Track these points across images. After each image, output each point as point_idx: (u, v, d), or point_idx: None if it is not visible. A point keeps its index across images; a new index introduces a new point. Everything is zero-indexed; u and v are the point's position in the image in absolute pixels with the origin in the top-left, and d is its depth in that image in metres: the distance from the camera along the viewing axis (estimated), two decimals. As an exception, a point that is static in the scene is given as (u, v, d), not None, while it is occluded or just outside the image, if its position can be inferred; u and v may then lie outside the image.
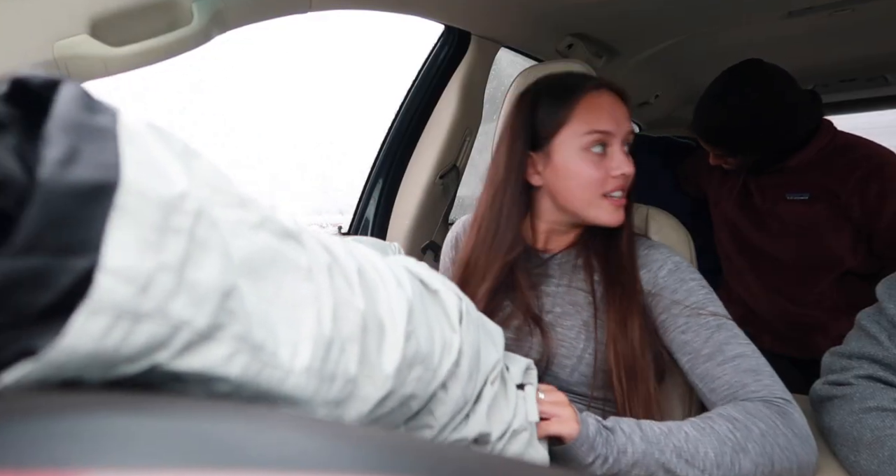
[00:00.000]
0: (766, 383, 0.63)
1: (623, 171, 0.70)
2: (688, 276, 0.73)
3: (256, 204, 0.28)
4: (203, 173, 0.25)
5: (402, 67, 1.27)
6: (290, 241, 0.29)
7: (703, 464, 0.56)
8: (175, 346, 0.22)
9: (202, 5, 0.64)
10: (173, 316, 0.21)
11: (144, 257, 0.20)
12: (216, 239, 0.23)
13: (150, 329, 0.21)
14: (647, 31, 1.33)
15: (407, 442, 0.19)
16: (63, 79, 0.21)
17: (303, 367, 0.27)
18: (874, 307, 0.69)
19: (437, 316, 0.40)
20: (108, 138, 0.20)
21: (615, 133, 0.71)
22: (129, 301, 0.19)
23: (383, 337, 0.33)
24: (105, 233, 0.19)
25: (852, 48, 1.53)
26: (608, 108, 0.72)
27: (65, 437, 0.15)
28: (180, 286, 0.21)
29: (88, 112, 0.20)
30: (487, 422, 0.45)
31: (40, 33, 0.55)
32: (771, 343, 1.23)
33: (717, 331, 0.67)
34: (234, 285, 0.24)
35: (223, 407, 0.19)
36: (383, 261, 0.38)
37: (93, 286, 0.18)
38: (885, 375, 0.64)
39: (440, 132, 1.21)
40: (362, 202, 1.26)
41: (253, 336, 0.25)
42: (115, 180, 0.19)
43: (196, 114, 1.05)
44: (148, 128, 0.23)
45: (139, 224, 0.20)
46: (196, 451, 0.15)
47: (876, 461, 0.58)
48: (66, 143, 0.18)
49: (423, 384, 0.37)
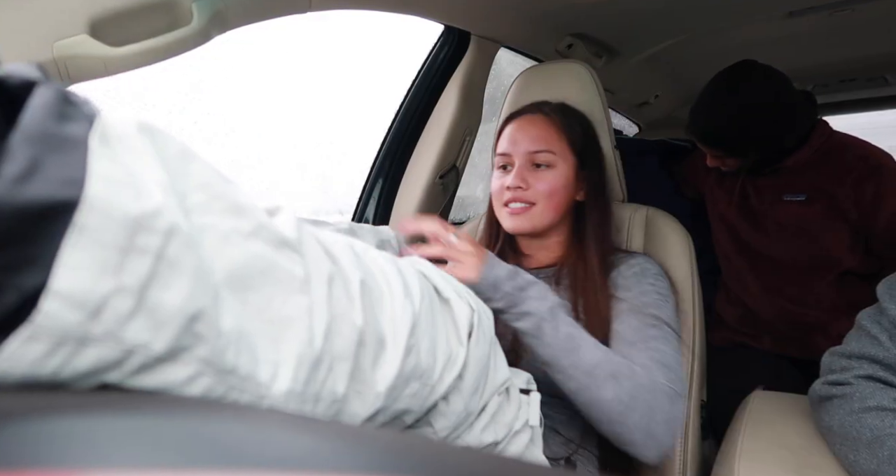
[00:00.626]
0: (671, 377, 0.66)
1: (508, 184, 0.81)
2: (648, 280, 0.76)
3: (253, 211, 0.26)
4: (199, 177, 0.24)
5: (402, 67, 1.27)
6: (285, 250, 0.27)
7: (576, 361, 0.63)
8: (127, 369, 0.21)
9: (202, 5, 0.64)
10: (127, 340, 0.20)
11: (101, 279, 0.19)
12: (190, 259, 0.22)
13: (97, 353, 0.20)
14: (647, 31, 1.33)
15: (407, 442, 0.19)
16: (40, 80, 0.19)
17: (281, 392, 0.26)
18: (874, 307, 0.69)
19: (444, 327, 0.39)
20: (76, 150, 0.19)
21: (512, 154, 0.83)
22: (74, 326, 0.18)
23: (381, 351, 0.32)
24: (58, 253, 0.18)
25: (852, 48, 1.53)
26: (512, 133, 0.85)
27: (64, 437, 0.15)
28: (139, 309, 0.20)
29: (59, 120, 0.19)
30: (492, 430, 0.44)
31: (40, 33, 0.55)
32: (771, 344, 1.23)
33: (651, 328, 0.70)
34: (205, 307, 0.22)
35: (223, 407, 0.19)
36: (396, 265, 0.37)
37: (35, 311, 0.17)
38: (884, 375, 0.64)
39: (440, 132, 1.21)
40: (362, 202, 1.26)
41: (223, 360, 0.23)
42: (75, 197, 0.18)
43: (196, 114, 1.05)
44: (140, 131, 0.22)
45: (99, 244, 0.19)
46: (195, 451, 0.15)
47: (875, 461, 0.58)
48: (26, 157, 0.17)
49: (419, 400, 0.36)
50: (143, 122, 0.23)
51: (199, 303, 0.22)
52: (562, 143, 0.83)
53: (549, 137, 0.82)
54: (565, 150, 0.83)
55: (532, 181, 0.81)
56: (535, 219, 0.82)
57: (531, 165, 0.82)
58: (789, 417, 0.74)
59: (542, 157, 0.82)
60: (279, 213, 0.30)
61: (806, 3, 1.18)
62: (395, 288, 0.34)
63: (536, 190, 0.81)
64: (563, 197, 0.82)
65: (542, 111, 0.86)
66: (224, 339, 0.23)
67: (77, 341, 0.19)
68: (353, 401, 0.30)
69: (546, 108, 0.86)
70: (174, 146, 0.24)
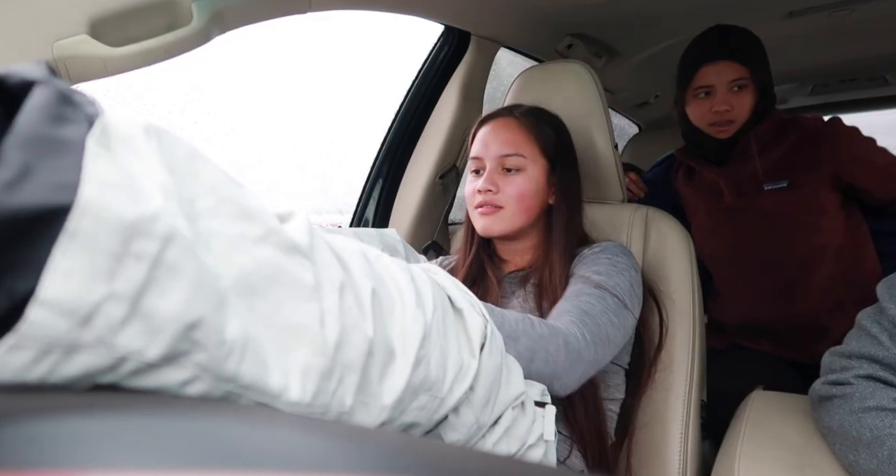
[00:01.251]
0: (586, 322, 0.67)
1: (479, 187, 0.82)
2: (605, 256, 0.78)
3: (263, 215, 0.26)
4: (208, 181, 0.24)
5: (402, 67, 1.27)
6: (296, 256, 0.27)
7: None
8: (121, 373, 0.20)
9: (202, 5, 0.64)
10: (119, 347, 0.20)
11: (92, 286, 0.18)
12: (191, 265, 0.21)
13: (87, 360, 0.19)
14: (647, 31, 1.33)
15: (407, 442, 0.19)
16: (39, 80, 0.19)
17: (289, 403, 0.25)
18: (874, 307, 0.69)
19: (456, 338, 0.38)
20: (72, 154, 0.18)
21: (483, 157, 0.84)
22: (62, 334, 0.18)
23: (390, 363, 0.31)
24: (48, 260, 0.17)
25: (852, 48, 1.53)
26: (484, 137, 0.85)
27: (64, 437, 0.15)
28: (133, 316, 0.20)
29: (54, 122, 0.18)
30: (505, 444, 0.44)
31: (40, 33, 0.55)
32: (770, 346, 1.22)
33: (590, 291, 0.72)
34: (205, 315, 0.22)
35: (223, 407, 0.19)
36: (409, 273, 0.36)
37: (21, 319, 0.17)
38: (885, 375, 0.64)
39: (440, 132, 1.21)
40: (362, 202, 1.26)
41: (222, 368, 0.23)
42: (67, 203, 0.18)
43: (196, 114, 1.05)
44: (147, 132, 0.22)
45: (92, 250, 0.18)
46: (195, 451, 0.15)
47: (875, 461, 0.58)
48: (19, 162, 0.17)
49: (427, 413, 0.35)
50: (150, 124, 0.22)
51: (198, 310, 0.21)
52: (532, 146, 0.83)
53: (519, 141, 0.82)
54: (536, 154, 0.83)
55: (502, 185, 0.81)
56: (504, 222, 0.82)
57: (501, 169, 0.82)
58: (789, 417, 0.74)
59: (511, 161, 0.82)
60: (291, 219, 0.29)
61: (806, 3, 1.18)
62: (407, 297, 0.34)
63: (506, 194, 0.81)
64: (533, 201, 0.82)
65: (514, 115, 0.86)
66: (226, 347, 0.23)
67: (65, 349, 0.19)
68: (359, 412, 0.30)
69: (517, 112, 0.86)
70: (182, 148, 0.23)
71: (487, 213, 0.82)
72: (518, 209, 0.81)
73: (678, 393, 0.83)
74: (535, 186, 0.82)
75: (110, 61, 0.58)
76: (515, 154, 0.82)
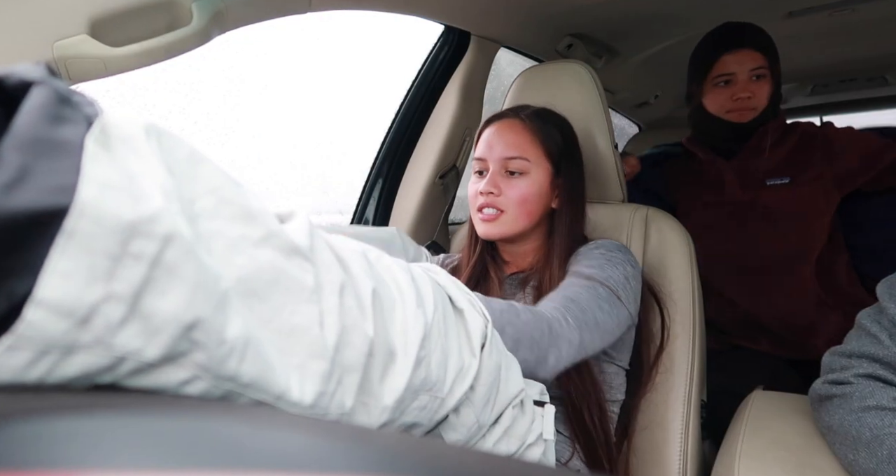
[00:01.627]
0: (571, 308, 0.66)
1: (481, 189, 0.82)
2: (599, 251, 0.77)
3: (264, 217, 0.26)
4: (208, 182, 0.24)
5: (402, 67, 1.27)
6: (296, 258, 0.27)
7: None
8: (120, 373, 0.21)
9: (202, 5, 0.64)
10: (117, 347, 0.20)
11: (91, 286, 0.18)
12: (190, 265, 0.21)
13: (85, 360, 0.19)
14: (647, 31, 1.33)
15: (408, 442, 0.19)
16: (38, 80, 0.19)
17: (289, 404, 0.25)
18: (875, 307, 0.69)
19: (457, 338, 0.38)
20: (69, 155, 0.18)
21: (487, 159, 0.83)
22: (60, 335, 0.18)
23: (391, 363, 0.31)
24: (46, 261, 0.17)
25: (852, 48, 1.53)
26: (489, 138, 0.85)
27: (64, 437, 0.15)
28: (132, 316, 0.20)
29: (52, 123, 0.18)
30: (504, 443, 0.44)
31: (40, 33, 0.55)
32: (769, 345, 1.22)
33: (579, 284, 0.71)
34: (204, 315, 0.22)
35: (223, 407, 0.19)
36: (410, 273, 0.36)
37: (18, 320, 0.17)
38: (885, 374, 0.64)
39: (440, 132, 1.21)
40: (362, 202, 1.26)
41: (222, 368, 0.23)
42: (65, 204, 0.18)
43: (196, 114, 1.05)
44: (147, 133, 0.21)
45: (90, 251, 0.18)
46: (195, 451, 0.15)
47: (875, 460, 0.58)
48: (16, 164, 0.17)
49: (428, 413, 0.35)
50: (150, 124, 0.22)
51: (198, 310, 0.21)
52: (537, 149, 0.82)
53: (524, 144, 0.82)
54: (540, 157, 0.82)
55: (504, 188, 0.81)
56: (505, 226, 0.81)
57: (505, 172, 0.82)
58: (789, 417, 0.74)
59: (515, 163, 0.81)
60: (292, 219, 0.29)
61: (806, 3, 1.18)
62: (408, 297, 0.34)
63: (508, 197, 0.81)
64: (535, 205, 0.82)
65: (520, 117, 0.85)
66: (227, 346, 0.23)
67: (64, 349, 0.19)
68: (360, 413, 0.30)
69: (524, 114, 0.85)
70: (183, 149, 0.23)
71: (488, 220, 0.82)
72: (519, 213, 0.81)
73: (678, 393, 0.83)
74: (537, 190, 0.81)
75: (110, 61, 0.58)
76: (519, 157, 0.81)
